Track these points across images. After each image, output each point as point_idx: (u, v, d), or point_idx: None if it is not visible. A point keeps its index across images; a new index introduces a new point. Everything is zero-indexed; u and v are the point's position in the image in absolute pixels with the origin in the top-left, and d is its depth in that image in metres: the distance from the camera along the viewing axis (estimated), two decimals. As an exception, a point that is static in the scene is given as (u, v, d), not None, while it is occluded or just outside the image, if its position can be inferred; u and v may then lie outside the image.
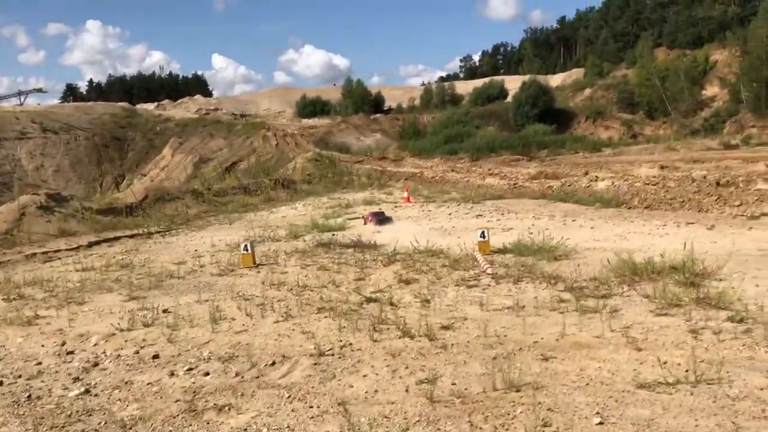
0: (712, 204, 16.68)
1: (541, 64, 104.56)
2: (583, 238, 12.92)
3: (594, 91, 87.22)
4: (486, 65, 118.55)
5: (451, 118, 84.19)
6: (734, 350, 5.99)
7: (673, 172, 26.84)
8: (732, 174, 22.02)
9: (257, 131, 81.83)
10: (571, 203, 20.03)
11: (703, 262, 9.20)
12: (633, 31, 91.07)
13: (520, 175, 31.57)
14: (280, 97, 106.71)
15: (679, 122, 71.75)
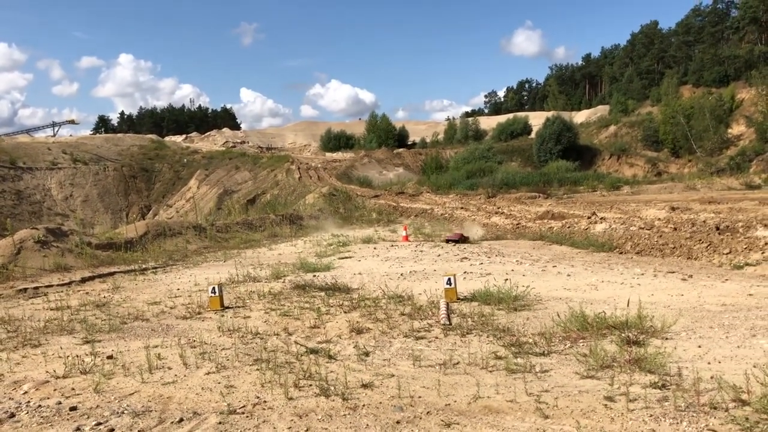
0: (702, 251, 16.27)
1: (565, 101, 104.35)
2: (554, 287, 12.68)
3: (618, 128, 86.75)
4: (510, 101, 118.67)
5: (473, 153, 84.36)
6: (639, 422, 5.75)
7: (680, 215, 26.34)
8: (732, 219, 21.51)
9: (281, 164, 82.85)
10: (566, 246, 19.76)
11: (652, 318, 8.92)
12: (658, 68, 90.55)
13: (528, 214, 31.31)
14: (306, 131, 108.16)
15: (705, 160, 70.82)
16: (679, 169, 75.43)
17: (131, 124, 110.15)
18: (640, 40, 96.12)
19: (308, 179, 71.98)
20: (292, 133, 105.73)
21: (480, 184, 60.79)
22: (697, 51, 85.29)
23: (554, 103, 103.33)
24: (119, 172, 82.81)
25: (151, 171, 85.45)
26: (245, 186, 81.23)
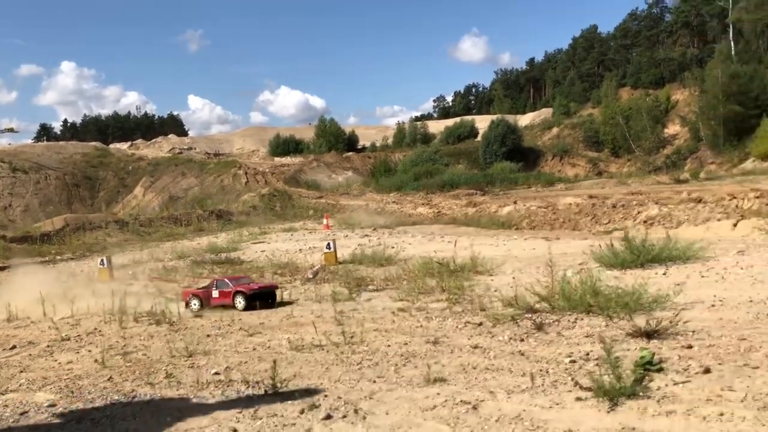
0: (586, 223, 17.32)
1: (511, 104, 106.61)
2: (428, 250, 13.52)
3: (561, 129, 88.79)
4: (458, 105, 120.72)
5: (421, 156, 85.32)
6: (413, 321, 6.49)
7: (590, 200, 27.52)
8: (628, 198, 22.71)
9: (228, 169, 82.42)
10: (472, 227, 20.67)
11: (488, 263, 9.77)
12: (598, 71, 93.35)
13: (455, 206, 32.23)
14: (255, 137, 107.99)
15: (643, 159, 72.99)
16: (619, 168, 77.52)
17: (75, 132, 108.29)
18: (581, 44, 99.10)
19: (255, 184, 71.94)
20: (240, 139, 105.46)
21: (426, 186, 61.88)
22: (634, 54, 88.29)
23: (500, 106, 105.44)
24: (61, 181, 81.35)
25: (94, 179, 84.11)
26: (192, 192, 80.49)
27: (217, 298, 12.32)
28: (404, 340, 6.42)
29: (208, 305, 12.22)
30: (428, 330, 6.44)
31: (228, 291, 12.17)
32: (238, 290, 12.01)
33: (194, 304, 12.32)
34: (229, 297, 12.06)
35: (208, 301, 12.37)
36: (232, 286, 12.16)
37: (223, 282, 12.55)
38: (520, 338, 6.57)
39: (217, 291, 12.41)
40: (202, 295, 12.51)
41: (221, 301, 12.21)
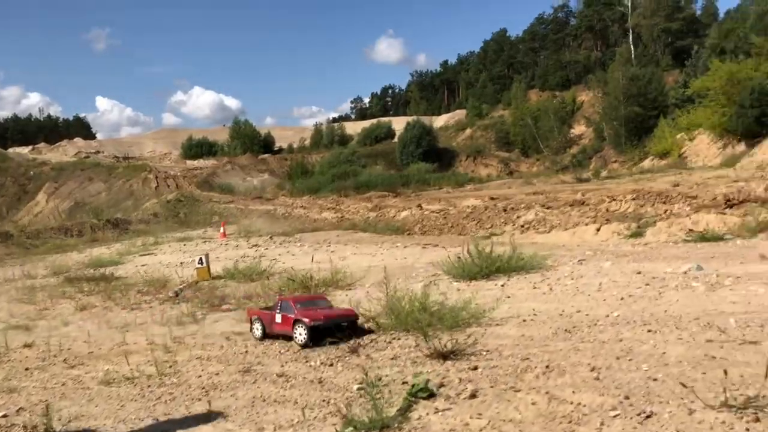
0: (473, 227, 17.78)
1: (427, 106, 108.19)
2: (306, 261, 13.51)
3: (474, 131, 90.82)
4: (375, 107, 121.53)
5: (338, 158, 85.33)
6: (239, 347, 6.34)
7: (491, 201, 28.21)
8: (516, 200, 23.44)
9: (138, 174, 79.74)
10: (369, 232, 20.84)
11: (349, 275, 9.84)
12: (508, 74, 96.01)
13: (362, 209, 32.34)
14: (167, 139, 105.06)
15: (551, 159, 75.52)
16: (529, 167, 79.93)
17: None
18: (492, 48, 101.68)
19: (166, 188, 69.88)
20: (152, 142, 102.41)
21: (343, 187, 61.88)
22: (542, 57, 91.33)
23: (416, 108, 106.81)
24: (-46, 188, 76.64)
25: (-8, 186, 79.59)
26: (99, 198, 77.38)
27: (279, 324, 9.91)
28: (218, 369, 6.39)
29: (271, 331, 9.94)
30: (250, 356, 6.42)
31: (290, 317, 9.70)
32: (299, 318, 9.52)
33: (257, 329, 10.03)
34: (289, 325, 9.64)
35: (271, 326, 10.02)
36: (296, 311, 9.70)
37: (288, 305, 9.90)
38: (330, 362, 6.60)
39: (280, 315, 9.96)
40: (266, 318, 10.10)
41: (283, 330, 9.79)
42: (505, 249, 12.06)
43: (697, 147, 57.30)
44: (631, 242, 16.51)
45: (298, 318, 9.57)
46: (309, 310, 9.76)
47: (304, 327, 9.42)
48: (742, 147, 50.43)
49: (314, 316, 9.61)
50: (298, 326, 9.50)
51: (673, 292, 9.43)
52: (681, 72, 67.86)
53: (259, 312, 10.29)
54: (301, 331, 9.45)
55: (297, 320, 9.56)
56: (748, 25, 61.09)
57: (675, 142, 58.61)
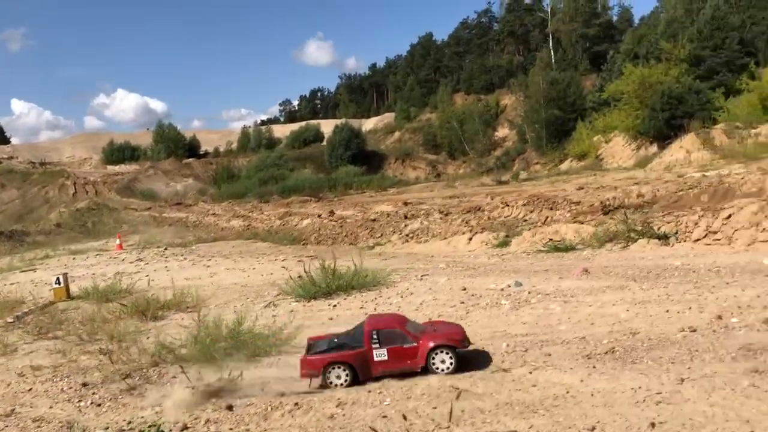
0: (365, 236, 17.86)
1: (356, 109, 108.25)
2: (177, 278, 13.38)
3: (402, 133, 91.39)
4: (304, 109, 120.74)
5: (265, 161, 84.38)
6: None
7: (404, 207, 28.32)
8: (419, 207, 23.66)
9: (55, 180, 76.47)
10: (269, 242, 20.55)
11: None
12: (435, 77, 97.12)
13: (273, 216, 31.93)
14: (87, 143, 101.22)
15: (476, 161, 76.76)
16: (456, 169, 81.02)
17: None
18: (419, 51, 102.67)
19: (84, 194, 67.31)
20: (71, 147, 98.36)
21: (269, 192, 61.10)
22: (467, 61, 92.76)
23: (345, 111, 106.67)
24: None
25: None
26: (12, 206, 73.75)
27: (384, 362, 8.07)
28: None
29: (367, 375, 8.01)
30: (38, 395, 6.21)
31: (412, 348, 8.06)
32: (441, 344, 7.98)
33: (337, 377, 8.02)
34: (414, 357, 8.04)
35: (368, 367, 8.07)
36: (417, 336, 8.18)
37: (393, 333, 8.16)
38: (99, 402, 6.40)
39: (385, 349, 8.07)
40: (355, 360, 8.11)
41: (398, 367, 8.02)
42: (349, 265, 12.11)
43: (613, 149, 59.33)
44: (497, 252, 16.87)
45: (440, 343, 8.03)
46: (436, 334, 8.29)
47: (450, 351, 8.00)
48: (654, 148, 52.50)
49: (448, 336, 8.23)
50: (439, 353, 8.02)
51: (481, 312, 9.71)
52: (598, 76, 70.16)
53: (336, 355, 8.15)
54: (445, 357, 7.99)
55: (438, 346, 8.00)
56: (658, 32, 63.67)
57: (592, 144, 60.57)
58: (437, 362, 7.99)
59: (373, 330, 8.30)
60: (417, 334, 8.31)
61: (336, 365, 8.05)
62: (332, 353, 8.24)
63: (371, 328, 8.39)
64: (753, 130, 42.52)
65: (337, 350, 8.29)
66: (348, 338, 8.52)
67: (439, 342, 8.07)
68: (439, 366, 7.97)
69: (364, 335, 8.28)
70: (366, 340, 8.21)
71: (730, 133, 42.63)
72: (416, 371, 7.95)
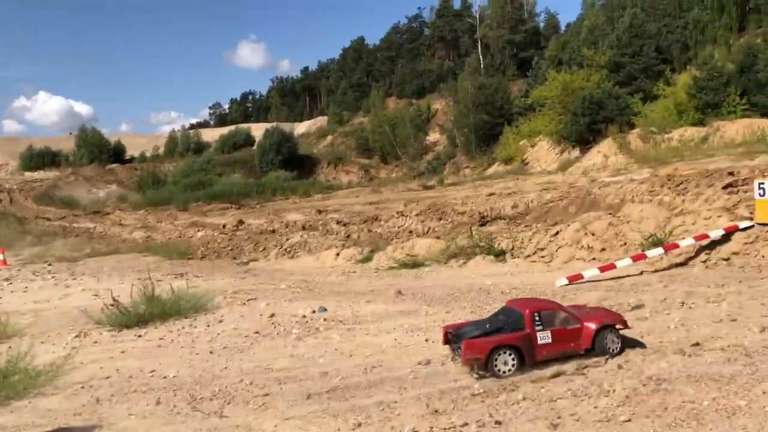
0: (251, 250, 17.43)
1: (288, 112, 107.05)
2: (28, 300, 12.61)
3: (335, 137, 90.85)
4: (235, 113, 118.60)
5: (192, 167, 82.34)
6: None
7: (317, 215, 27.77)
8: (317, 219, 23.21)
9: (-35, 187, 72.47)
10: (159, 255, 19.77)
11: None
12: (367, 81, 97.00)
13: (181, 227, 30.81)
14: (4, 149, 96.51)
15: (408, 165, 76.95)
16: (388, 173, 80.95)
17: None
18: (351, 55, 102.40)
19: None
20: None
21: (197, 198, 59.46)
22: (399, 65, 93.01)
23: (277, 114, 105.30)
24: None
25: None
26: None
27: (548, 345, 7.91)
28: None
29: (532, 359, 7.82)
30: None
31: (576, 330, 8.00)
32: (607, 324, 8.06)
33: (504, 363, 7.76)
34: (577, 338, 7.98)
35: (532, 350, 7.86)
36: (580, 318, 8.10)
37: (556, 314, 8.06)
38: None
39: (548, 331, 7.93)
40: (522, 342, 7.83)
41: (561, 350, 7.95)
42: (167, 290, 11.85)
43: (538, 153, 60.35)
44: (359, 267, 16.83)
45: (607, 323, 8.11)
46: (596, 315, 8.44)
47: (616, 332, 8.15)
48: (576, 152, 53.62)
49: (612, 316, 8.41)
50: (608, 334, 8.09)
51: (267, 343, 9.70)
52: (525, 82, 71.37)
53: (502, 339, 7.82)
54: (614, 338, 8.11)
55: (605, 327, 8.04)
56: (580, 39, 65.18)
57: (518, 149, 61.49)
58: (608, 342, 8.04)
59: (535, 312, 8.07)
60: (580, 315, 8.23)
61: (503, 349, 7.77)
62: (497, 336, 7.92)
63: (531, 310, 8.13)
64: (666, 134, 43.84)
65: (496, 334, 7.99)
66: (498, 322, 8.28)
67: (606, 322, 8.07)
68: (610, 346, 8.04)
69: (525, 318, 8.00)
70: (528, 323, 7.96)
71: (644, 137, 43.85)
72: (579, 354, 7.96)
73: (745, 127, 38.45)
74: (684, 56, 58.65)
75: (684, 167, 30.28)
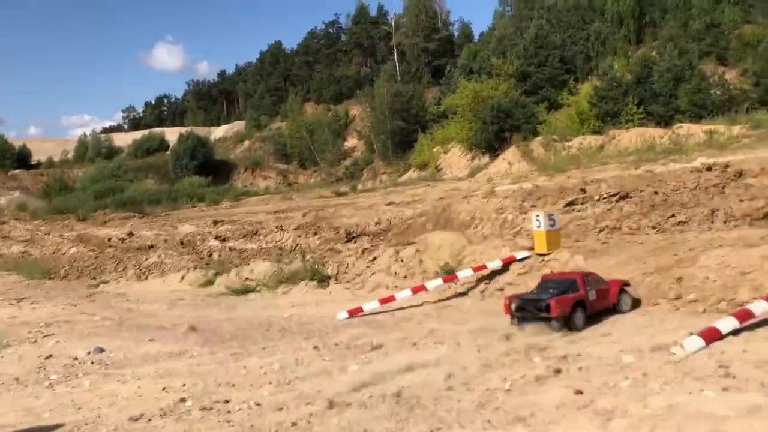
0: (112, 269, 17.15)
1: (205, 117, 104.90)
2: None
3: (252, 142, 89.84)
4: (150, 116, 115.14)
5: (102, 172, 79.75)
6: None
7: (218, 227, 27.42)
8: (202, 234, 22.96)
9: None
10: (23, 274, 19.05)
11: None
12: (285, 86, 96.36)
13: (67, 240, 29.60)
14: None
15: (326, 171, 76.96)
16: (306, 179, 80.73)
17: None
18: (268, 59, 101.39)
19: None
20: None
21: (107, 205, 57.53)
22: (317, 71, 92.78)
23: (193, 118, 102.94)
24: None
25: None
26: None
27: (594, 301, 10.16)
28: None
29: (588, 314, 10.04)
30: None
31: (606, 289, 10.36)
32: (626, 282, 10.64)
33: (578, 317, 9.87)
34: (608, 296, 10.36)
35: (587, 307, 10.07)
36: (609, 281, 10.54)
37: (596, 277, 10.51)
38: None
39: (594, 290, 10.19)
40: (584, 299, 10.05)
41: (602, 305, 10.29)
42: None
43: (450, 159, 61.67)
44: (200, 291, 16.42)
45: (625, 282, 10.71)
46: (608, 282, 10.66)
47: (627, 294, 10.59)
48: (486, 159, 55.13)
49: (618, 281, 10.68)
50: (625, 293, 10.63)
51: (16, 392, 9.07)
52: (439, 89, 72.75)
53: (577, 296, 9.95)
54: (628, 297, 10.60)
55: (625, 285, 10.65)
56: (490, 48, 67.07)
57: (432, 155, 62.63)
58: (625, 299, 10.51)
59: (585, 276, 10.47)
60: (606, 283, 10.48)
61: (578, 305, 9.89)
62: (572, 294, 10.02)
63: (582, 275, 10.56)
64: (567, 142, 45.70)
65: (570, 292, 10.11)
66: (554, 289, 10.26)
67: (624, 281, 10.58)
68: (626, 303, 10.51)
69: (578, 282, 10.22)
70: (582, 285, 10.12)
71: (546, 145, 45.51)
72: (609, 309, 10.38)
73: (638, 135, 40.62)
74: (587, 67, 61.34)
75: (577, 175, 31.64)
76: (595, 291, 10.26)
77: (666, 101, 48.20)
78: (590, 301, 10.14)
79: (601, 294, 10.31)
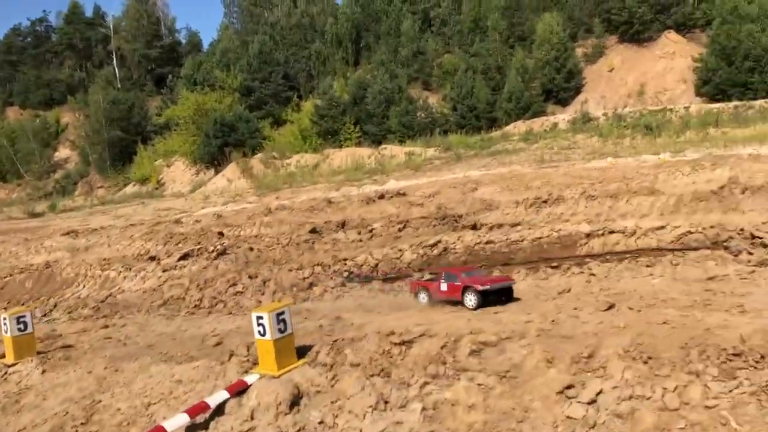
0: None
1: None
2: None
3: None
4: None
5: None
6: None
7: None
8: None
9: None
10: None
11: None
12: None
13: None
14: None
15: (33, 185, 68.84)
16: (8, 194, 71.43)
17: None
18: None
19: None
20: None
21: None
22: (21, 72, 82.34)
23: None
24: None
25: None
26: None
27: (445, 291, 12.22)
28: None
29: (436, 298, 12.37)
30: None
31: (457, 285, 12.03)
32: (468, 285, 11.82)
33: (423, 297, 12.77)
34: (457, 292, 11.97)
35: (437, 293, 12.39)
36: (462, 279, 12.00)
37: (452, 275, 12.31)
38: None
39: (446, 284, 12.27)
40: (431, 287, 12.61)
41: (449, 296, 12.18)
42: None
43: (174, 173, 59.24)
44: None
45: (468, 285, 11.85)
46: (475, 279, 12.05)
47: (475, 293, 11.69)
48: (211, 174, 53.88)
49: (482, 282, 11.85)
50: (469, 293, 11.86)
51: None
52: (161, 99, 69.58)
53: (423, 283, 13.17)
54: (472, 297, 11.77)
55: (467, 287, 11.85)
56: (214, 60, 66.00)
57: (154, 168, 59.56)
58: (466, 298, 11.93)
59: (443, 272, 12.73)
60: (468, 277, 12.13)
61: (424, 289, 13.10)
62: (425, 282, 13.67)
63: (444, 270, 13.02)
64: (286, 160, 46.46)
65: (428, 281, 13.36)
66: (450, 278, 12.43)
67: (468, 284, 11.77)
68: (467, 301, 11.93)
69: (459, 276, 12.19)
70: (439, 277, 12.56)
71: (266, 162, 45.76)
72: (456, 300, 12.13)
73: (349, 155, 42.63)
74: (309, 85, 63.37)
75: (287, 194, 32.05)
76: (448, 285, 12.39)
77: (379, 122, 51.71)
78: (440, 290, 12.49)
79: (452, 288, 12.21)
